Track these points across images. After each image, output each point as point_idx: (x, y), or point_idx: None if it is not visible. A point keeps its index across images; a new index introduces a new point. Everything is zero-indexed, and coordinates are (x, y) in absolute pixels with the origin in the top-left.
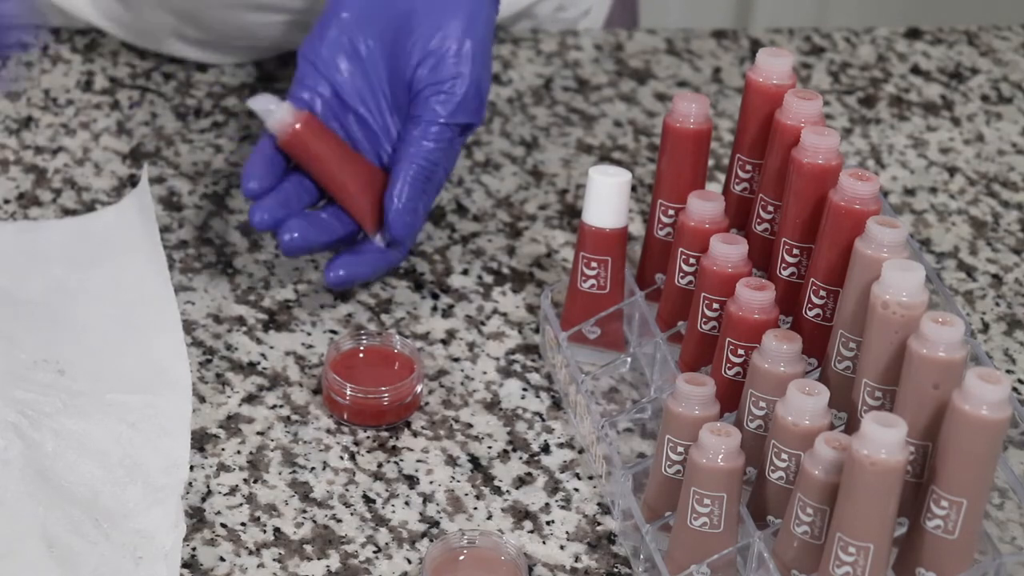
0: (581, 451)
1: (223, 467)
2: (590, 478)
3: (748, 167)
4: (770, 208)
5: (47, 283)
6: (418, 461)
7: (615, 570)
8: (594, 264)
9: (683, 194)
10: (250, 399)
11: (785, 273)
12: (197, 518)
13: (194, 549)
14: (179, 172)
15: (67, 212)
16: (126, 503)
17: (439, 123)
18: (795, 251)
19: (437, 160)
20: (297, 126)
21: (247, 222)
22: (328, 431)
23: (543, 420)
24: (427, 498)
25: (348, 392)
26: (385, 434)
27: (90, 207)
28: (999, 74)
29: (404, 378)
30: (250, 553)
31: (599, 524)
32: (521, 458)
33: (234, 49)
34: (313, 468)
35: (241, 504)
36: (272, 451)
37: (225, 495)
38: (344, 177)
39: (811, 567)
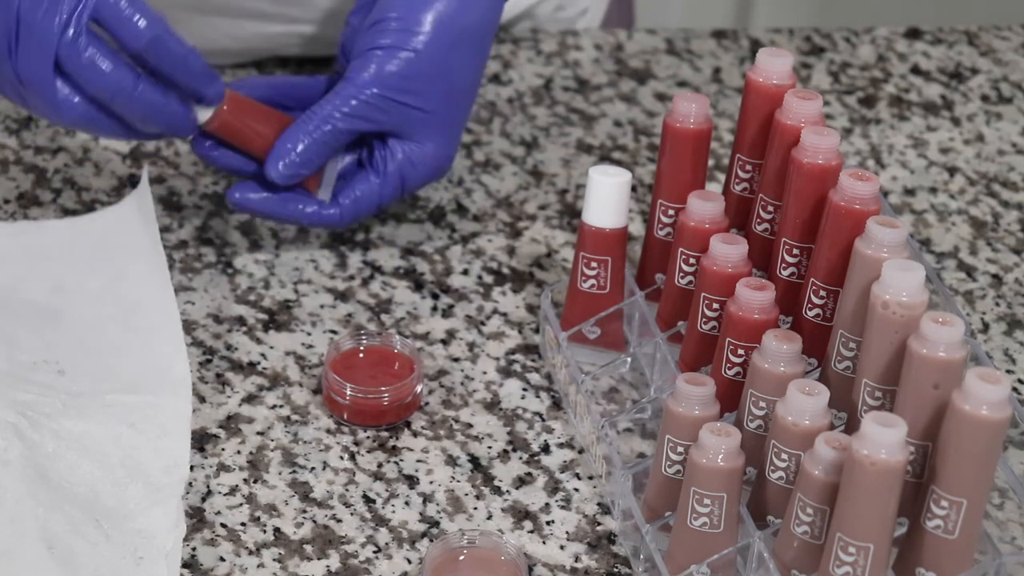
0: (581, 451)
1: (223, 467)
2: (590, 478)
3: (748, 167)
4: (770, 208)
5: (47, 283)
6: (418, 461)
7: (615, 570)
8: (594, 264)
9: (683, 194)
10: (250, 399)
11: (785, 273)
12: (197, 518)
13: (194, 549)
14: (179, 172)
15: (67, 212)
16: (126, 503)
17: (349, 86)
18: (795, 251)
19: (342, 124)
20: (224, 107)
21: (247, 222)
22: (328, 431)
23: (543, 420)
24: (427, 498)
25: (348, 392)
26: (385, 434)
27: (90, 207)
28: (999, 74)
29: (404, 378)
30: (250, 553)
31: (599, 524)
32: (521, 458)
33: (233, 57)
34: (313, 468)
35: (241, 504)
36: (272, 451)
37: (225, 495)
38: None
39: (811, 567)
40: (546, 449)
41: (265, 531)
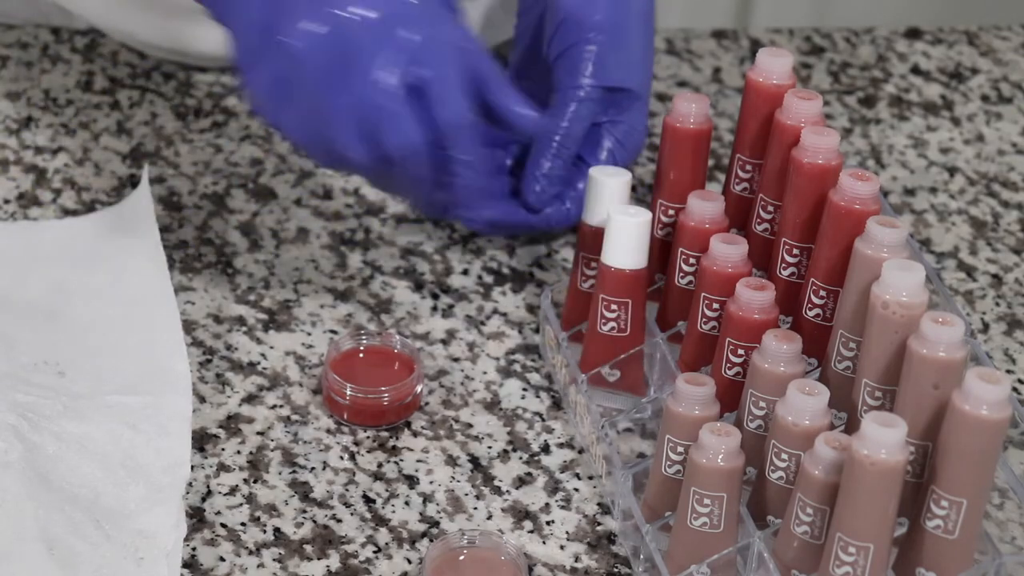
0: (581, 451)
1: (223, 467)
2: (590, 478)
3: (748, 167)
4: (770, 208)
5: (47, 283)
6: (418, 461)
7: (615, 570)
8: (594, 264)
9: (683, 194)
10: (250, 399)
11: (785, 273)
12: (197, 518)
13: (194, 549)
14: (179, 172)
15: (67, 212)
16: (127, 504)
17: (568, 91)
18: (795, 251)
19: (574, 128)
20: None
21: (247, 222)
22: (328, 431)
23: (543, 420)
24: (427, 498)
25: (348, 392)
26: (385, 434)
27: (90, 207)
28: (999, 74)
29: (404, 378)
30: (250, 553)
31: (599, 524)
32: (521, 458)
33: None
34: (313, 468)
35: (241, 504)
36: (272, 451)
37: (225, 495)
38: None
39: (811, 567)
40: (546, 449)
41: (265, 531)
